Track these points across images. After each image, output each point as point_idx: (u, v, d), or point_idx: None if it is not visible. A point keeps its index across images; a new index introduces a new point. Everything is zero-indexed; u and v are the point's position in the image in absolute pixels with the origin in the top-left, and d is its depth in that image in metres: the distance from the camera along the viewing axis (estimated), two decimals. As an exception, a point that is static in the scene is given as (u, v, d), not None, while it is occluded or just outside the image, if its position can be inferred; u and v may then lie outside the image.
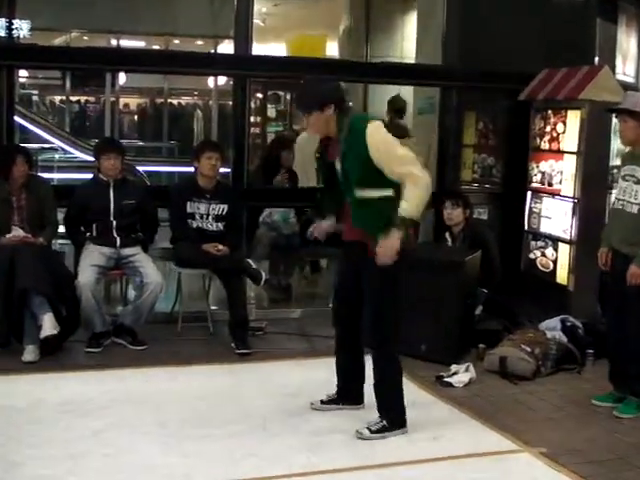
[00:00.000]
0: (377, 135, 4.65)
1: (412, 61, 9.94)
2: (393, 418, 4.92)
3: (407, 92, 9.99)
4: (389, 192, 4.69)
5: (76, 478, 4.24)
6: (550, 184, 7.59)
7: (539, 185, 7.75)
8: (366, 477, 4.40)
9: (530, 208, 7.88)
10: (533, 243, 7.84)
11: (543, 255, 7.70)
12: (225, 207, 6.90)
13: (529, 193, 7.88)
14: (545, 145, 7.68)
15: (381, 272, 4.69)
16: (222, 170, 7.23)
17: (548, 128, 7.63)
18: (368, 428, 4.87)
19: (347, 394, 5.29)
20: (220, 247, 6.69)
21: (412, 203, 4.56)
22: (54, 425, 4.92)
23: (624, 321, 5.46)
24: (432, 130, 8.51)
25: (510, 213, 8.26)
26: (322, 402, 5.30)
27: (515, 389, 5.96)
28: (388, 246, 4.60)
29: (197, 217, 6.86)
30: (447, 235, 7.29)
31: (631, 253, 5.29)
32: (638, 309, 5.34)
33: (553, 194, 7.56)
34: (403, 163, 4.61)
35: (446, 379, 5.99)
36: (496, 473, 4.52)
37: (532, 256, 7.85)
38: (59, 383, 5.71)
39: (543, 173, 7.68)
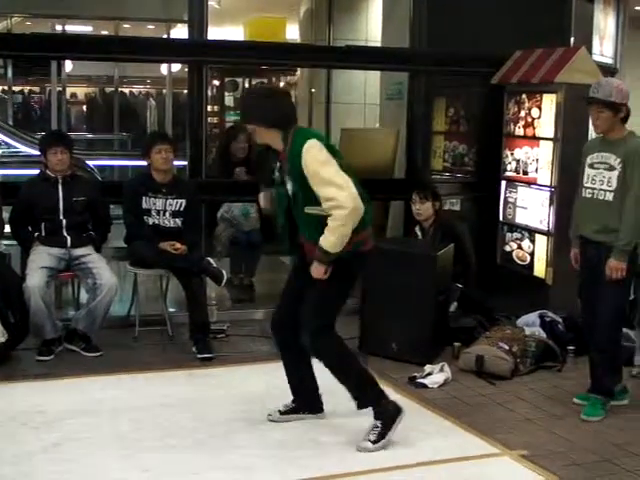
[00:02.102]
0: (307, 154, 4.64)
1: (378, 44, 9.95)
2: (378, 409, 4.89)
3: (374, 76, 10.01)
4: None
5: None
6: (525, 172, 7.64)
7: (514, 174, 7.79)
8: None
9: (505, 198, 7.92)
10: (509, 235, 7.89)
11: (519, 247, 7.75)
12: (183, 202, 6.87)
13: (503, 182, 7.92)
14: (519, 131, 7.72)
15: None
16: (178, 163, 7.20)
17: (522, 113, 7.67)
18: (368, 440, 4.82)
19: (305, 403, 5.27)
20: (178, 245, 6.67)
21: (333, 237, 4.61)
22: (3, 440, 4.88)
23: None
24: (401, 117, 8.52)
25: (484, 204, 8.30)
26: (280, 413, 5.26)
27: (493, 389, 5.99)
28: (315, 273, 4.71)
29: (153, 213, 6.83)
30: (417, 230, 7.32)
31: (608, 242, 5.34)
32: (610, 300, 5.41)
33: (529, 183, 7.60)
34: (327, 184, 4.60)
35: (420, 380, 6.01)
36: (474, 477, 4.55)
37: (508, 248, 7.89)
38: (7, 394, 5.67)
39: (518, 161, 7.72)
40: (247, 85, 15.79)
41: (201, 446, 4.83)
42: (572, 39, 8.55)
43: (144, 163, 7.07)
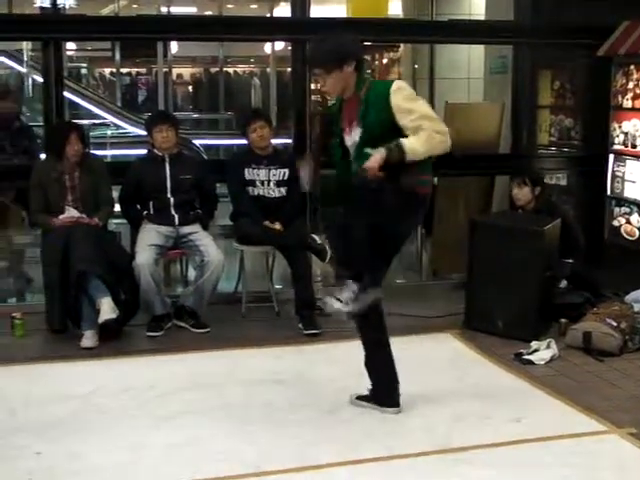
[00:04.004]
0: (399, 90, 4.62)
1: (481, 18, 9.83)
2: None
3: (478, 51, 9.91)
4: None
5: (139, 468, 4.32)
6: (634, 145, 7.47)
7: (622, 147, 7.62)
8: (445, 462, 4.41)
9: (613, 172, 7.76)
10: (617, 209, 7.73)
11: (628, 222, 7.59)
12: (286, 171, 6.93)
13: (611, 156, 7.75)
14: (628, 103, 7.55)
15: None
16: (283, 141, 7.22)
17: (631, 85, 7.50)
18: (337, 298, 4.77)
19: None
20: (278, 226, 6.72)
21: (414, 144, 4.51)
22: (115, 413, 5.01)
23: None
24: (505, 91, 8.42)
25: (591, 178, 8.15)
26: (358, 397, 5.14)
27: (600, 366, 5.90)
28: (371, 160, 4.52)
29: (258, 184, 6.90)
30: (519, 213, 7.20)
31: None
32: None
33: (637, 156, 7.44)
34: (421, 117, 4.57)
35: (526, 356, 5.96)
36: (582, 456, 4.48)
37: (616, 223, 7.74)
38: (119, 369, 5.81)
39: (626, 134, 7.56)
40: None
41: (309, 421, 4.88)
42: (682, 8, 8.31)
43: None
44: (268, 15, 15.17)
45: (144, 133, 7.27)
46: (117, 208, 6.95)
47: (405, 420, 4.90)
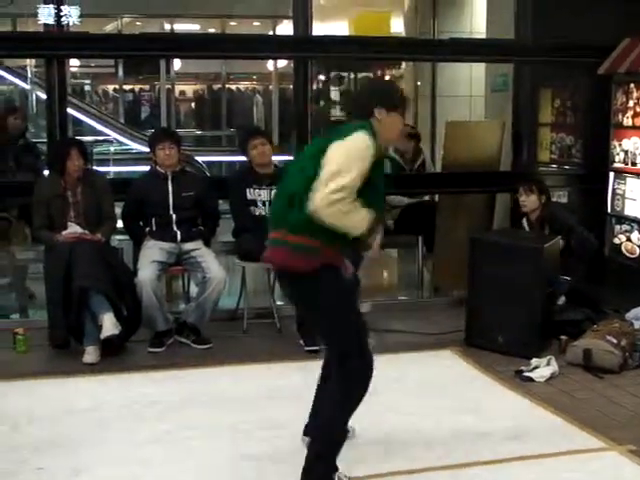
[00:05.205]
0: None
1: (483, 36, 9.89)
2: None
3: (479, 68, 9.96)
4: None
5: (142, 483, 4.34)
6: (634, 163, 7.51)
7: (622, 165, 7.66)
8: (444, 478, 4.42)
9: (613, 190, 7.79)
10: (617, 227, 7.76)
11: (628, 240, 7.62)
12: None
13: (612, 174, 7.79)
14: (628, 121, 7.58)
15: None
16: (285, 158, 7.26)
17: (631, 103, 7.53)
18: None
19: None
20: None
21: None
22: (118, 428, 5.02)
23: None
24: (506, 108, 8.46)
25: (592, 196, 8.18)
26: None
27: (601, 383, 5.91)
28: None
29: (259, 204, 6.93)
30: (524, 222, 7.24)
31: None
32: None
33: (638, 174, 7.47)
34: None
35: (526, 373, 5.97)
36: (581, 473, 4.49)
37: (616, 241, 7.77)
38: (122, 385, 5.83)
39: (626, 152, 7.59)
40: (352, 79, 15.81)
41: (308, 437, 4.88)
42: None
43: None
44: (271, 33, 15.25)
45: (147, 150, 7.31)
46: (120, 224, 6.99)
47: (405, 436, 4.91)
